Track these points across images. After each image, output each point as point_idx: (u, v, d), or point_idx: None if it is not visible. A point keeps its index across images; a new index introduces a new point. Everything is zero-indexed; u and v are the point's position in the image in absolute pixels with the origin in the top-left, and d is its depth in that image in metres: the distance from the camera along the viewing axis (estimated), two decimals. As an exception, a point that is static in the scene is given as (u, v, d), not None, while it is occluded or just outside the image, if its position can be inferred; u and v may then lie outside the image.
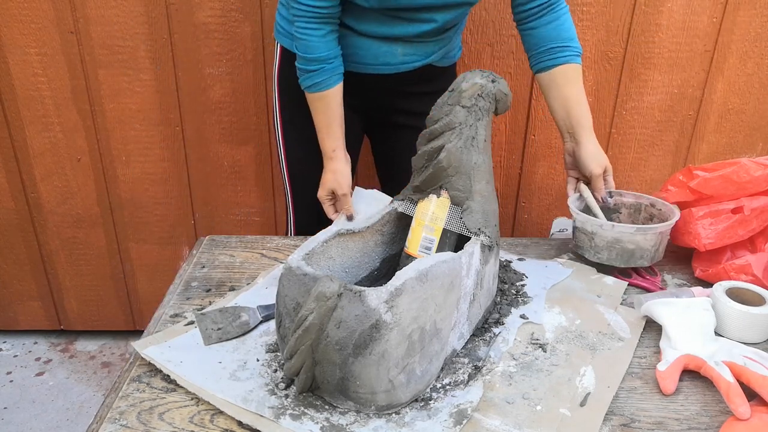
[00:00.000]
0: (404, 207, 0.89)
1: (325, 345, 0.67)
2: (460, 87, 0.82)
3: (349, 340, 0.66)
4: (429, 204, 0.85)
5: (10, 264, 1.73)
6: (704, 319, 0.85)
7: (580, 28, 1.46)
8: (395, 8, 1.04)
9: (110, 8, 1.43)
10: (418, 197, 0.87)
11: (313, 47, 1.06)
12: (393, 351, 0.68)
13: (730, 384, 0.73)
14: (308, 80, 1.09)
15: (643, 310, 0.90)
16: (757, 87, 1.54)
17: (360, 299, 0.66)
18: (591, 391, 0.76)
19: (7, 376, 1.73)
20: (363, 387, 0.68)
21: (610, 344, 0.86)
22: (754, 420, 0.70)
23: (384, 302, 0.66)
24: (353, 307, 0.66)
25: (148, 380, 0.81)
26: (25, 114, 1.53)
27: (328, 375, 0.69)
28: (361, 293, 0.67)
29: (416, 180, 0.86)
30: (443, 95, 0.84)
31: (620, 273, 1.04)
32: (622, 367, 0.81)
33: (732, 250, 1.03)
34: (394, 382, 0.69)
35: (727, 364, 0.76)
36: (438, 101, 0.84)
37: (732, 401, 0.72)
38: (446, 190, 0.84)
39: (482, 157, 0.84)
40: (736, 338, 0.87)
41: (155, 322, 0.95)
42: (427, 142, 0.84)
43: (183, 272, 1.08)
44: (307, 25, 1.04)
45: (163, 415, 0.75)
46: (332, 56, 1.08)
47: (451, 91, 0.83)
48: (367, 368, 0.67)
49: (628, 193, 1.12)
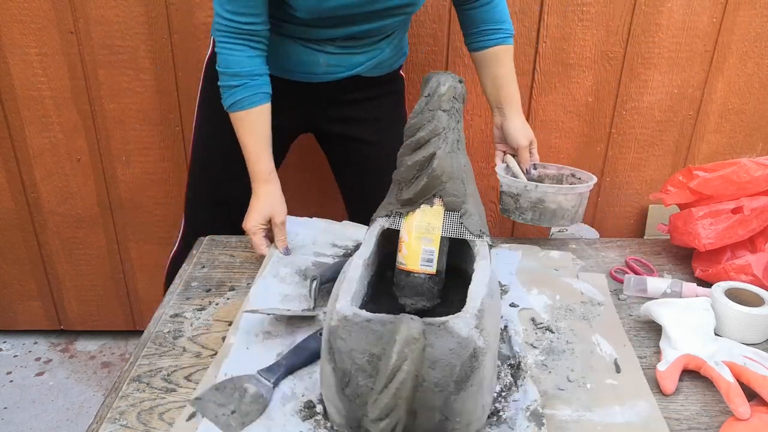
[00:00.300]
0: (395, 223, 0.84)
1: (423, 391, 0.61)
2: (438, 91, 0.80)
3: (449, 378, 0.61)
4: (421, 215, 0.82)
5: (10, 264, 1.73)
6: (704, 319, 0.85)
7: (580, 27, 1.46)
8: (328, 17, 1.02)
9: (110, 8, 1.43)
10: (407, 210, 0.83)
11: (234, 62, 1.00)
12: (487, 375, 0.65)
13: (730, 384, 0.73)
14: (231, 97, 1.02)
15: (643, 311, 0.90)
16: (757, 87, 1.54)
17: (447, 331, 0.62)
18: (616, 356, 0.82)
19: (7, 376, 1.73)
20: (462, 422, 0.64)
21: (595, 310, 0.93)
22: (754, 420, 0.70)
23: (475, 328, 0.63)
24: (444, 342, 0.61)
25: (148, 380, 0.81)
26: (25, 114, 1.53)
27: (424, 422, 0.62)
28: (445, 324, 0.62)
29: (406, 193, 0.82)
30: (420, 101, 0.81)
31: (616, 273, 1.04)
32: (619, 325, 0.89)
33: (732, 250, 1.03)
34: (485, 406, 0.67)
35: (727, 364, 0.76)
36: (416, 108, 0.81)
37: (732, 401, 0.72)
38: (440, 197, 0.81)
39: (466, 158, 0.84)
40: (735, 339, 0.86)
41: (155, 322, 0.95)
42: (412, 152, 0.81)
43: (183, 272, 1.08)
44: (229, 40, 1.00)
45: (163, 415, 0.75)
46: (257, 73, 1.02)
47: (428, 96, 0.80)
48: (468, 401, 0.63)
49: (551, 165, 1.19)
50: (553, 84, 1.52)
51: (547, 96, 1.54)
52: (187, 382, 0.82)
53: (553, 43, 1.48)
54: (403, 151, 0.82)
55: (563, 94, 1.54)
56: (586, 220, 1.68)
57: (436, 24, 1.44)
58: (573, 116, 1.56)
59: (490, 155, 1.58)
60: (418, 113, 0.81)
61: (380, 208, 0.87)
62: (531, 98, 1.54)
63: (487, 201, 1.66)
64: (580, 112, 1.56)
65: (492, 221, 1.69)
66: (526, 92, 1.53)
